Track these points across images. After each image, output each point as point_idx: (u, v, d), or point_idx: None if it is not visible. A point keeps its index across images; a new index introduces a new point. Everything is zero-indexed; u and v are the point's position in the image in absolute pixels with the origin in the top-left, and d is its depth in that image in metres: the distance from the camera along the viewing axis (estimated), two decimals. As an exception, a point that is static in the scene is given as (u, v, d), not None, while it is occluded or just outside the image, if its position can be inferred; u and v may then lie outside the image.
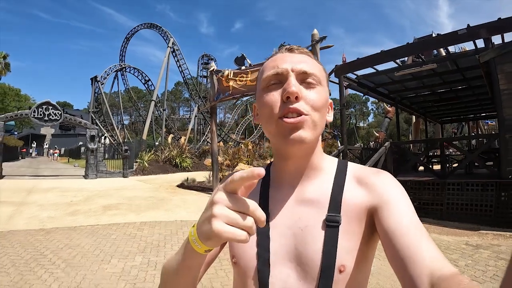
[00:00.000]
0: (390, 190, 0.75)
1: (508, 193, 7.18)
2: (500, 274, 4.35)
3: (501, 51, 7.10)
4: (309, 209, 0.78)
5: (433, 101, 14.70)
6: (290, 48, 0.83)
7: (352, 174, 0.82)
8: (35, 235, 6.38)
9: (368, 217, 0.75)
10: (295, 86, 0.73)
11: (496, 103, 7.31)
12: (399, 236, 0.64)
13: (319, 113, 0.76)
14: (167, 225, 7.33)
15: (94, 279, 4.18)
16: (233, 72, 11.83)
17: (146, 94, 78.72)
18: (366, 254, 0.76)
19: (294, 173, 0.82)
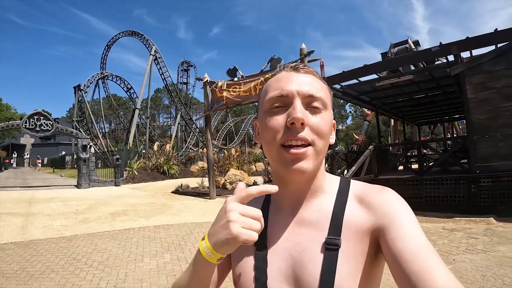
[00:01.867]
0: (395, 210, 0.72)
1: (477, 185, 8.45)
2: (471, 249, 5.41)
3: (469, 66, 8.30)
4: (309, 232, 0.77)
5: (410, 105, 15.92)
6: (296, 67, 0.80)
7: (354, 194, 0.80)
8: (57, 242, 6.72)
9: (373, 239, 0.73)
10: (300, 112, 0.72)
11: (465, 109, 8.51)
12: (409, 261, 0.61)
13: (324, 141, 0.75)
14: (180, 227, 8.03)
15: (135, 275, 4.84)
16: (226, 83, 12.63)
17: (126, 102, 78.29)
18: (372, 276, 0.74)
19: (294, 196, 0.82)
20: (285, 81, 0.77)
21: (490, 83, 8.41)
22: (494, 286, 3.91)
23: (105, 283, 4.55)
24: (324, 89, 0.79)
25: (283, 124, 0.73)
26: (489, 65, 8.46)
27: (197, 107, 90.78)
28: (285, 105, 0.75)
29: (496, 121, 8.32)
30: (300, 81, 0.76)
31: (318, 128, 0.73)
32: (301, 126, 0.72)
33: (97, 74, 44.13)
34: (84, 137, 19.96)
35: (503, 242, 5.76)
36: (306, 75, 0.78)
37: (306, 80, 0.77)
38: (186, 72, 60.86)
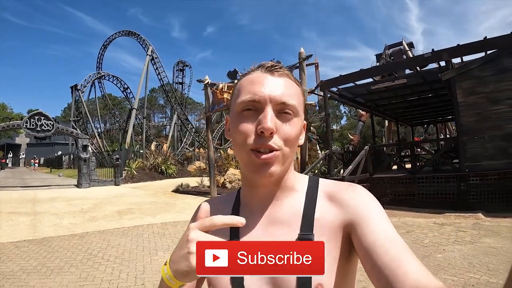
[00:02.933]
0: (364, 205, 0.74)
1: (466, 183, 9.05)
2: (459, 240, 5.93)
3: (459, 71, 8.85)
4: (281, 231, 0.78)
5: (404, 107, 16.50)
6: (270, 68, 0.79)
7: (323, 191, 0.81)
8: (70, 240, 7.01)
9: (345, 234, 0.74)
10: (271, 121, 0.71)
11: (455, 112, 9.08)
12: (380, 254, 0.63)
13: (291, 146, 0.76)
14: (186, 224, 8.31)
15: (153, 267, 5.23)
16: (227, 85, 13.07)
17: (122, 101, 78.24)
18: (347, 271, 0.75)
19: (264, 198, 0.82)
20: (258, 84, 0.76)
21: (479, 88, 9.03)
22: (480, 271, 4.40)
23: (125, 275, 4.91)
24: (297, 93, 0.79)
25: (253, 130, 0.73)
26: (477, 71, 9.08)
27: (192, 107, 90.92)
28: (257, 109, 0.75)
29: (484, 124, 8.95)
30: (274, 85, 0.75)
31: (287, 136, 0.74)
32: (270, 136, 0.72)
33: (94, 74, 44.37)
34: (84, 137, 20.30)
35: (489, 234, 6.28)
36: (280, 79, 0.77)
37: (279, 85, 0.76)
38: (181, 72, 61.03)
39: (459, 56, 9.62)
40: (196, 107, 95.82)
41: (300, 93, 0.81)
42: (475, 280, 4.09)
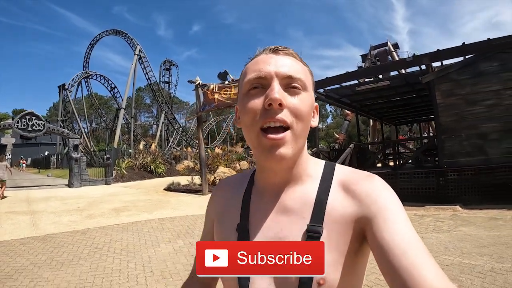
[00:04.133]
0: (383, 199, 0.70)
1: (445, 178, 9.78)
2: (437, 229, 6.59)
3: (438, 75, 9.53)
4: (291, 219, 0.75)
5: (388, 107, 17.21)
6: (275, 49, 0.78)
7: (338, 180, 0.78)
8: (73, 236, 7.29)
9: (357, 228, 0.70)
10: (278, 92, 0.69)
11: (434, 112, 9.78)
12: (398, 256, 0.60)
13: (303, 123, 0.73)
14: (183, 219, 8.87)
15: (158, 257, 5.65)
16: (218, 86, 13.50)
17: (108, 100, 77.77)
18: (355, 266, 0.72)
19: (276, 183, 0.79)
20: (263, 63, 0.75)
21: (456, 90, 9.75)
22: (454, 254, 4.99)
23: (133, 264, 5.31)
24: (305, 70, 0.77)
25: (261, 106, 0.71)
26: (455, 74, 9.80)
27: (179, 106, 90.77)
28: (263, 86, 0.73)
29: (461, 123, 9.69)
30: (279, 62, 0.74)
31: (297, 109, 0.71)
32: (279, 107, 0.69)
33: (82, 73, 44.15)
34: (75, 137, 20.47)
35: (465, 224, 6.94)
36: (286, 57, 0.76)
37: (285, 62, 0.74)
38: (168, 71, 61.03)
39: (439, 61, 10.28)
40: (183, 106, 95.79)
41: (307, 71, 0.78)
42: (449, 261, 4.66)
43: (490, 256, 4.83)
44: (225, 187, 0.93)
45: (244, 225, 0.79)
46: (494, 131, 9.38)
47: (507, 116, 9.24)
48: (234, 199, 0.86)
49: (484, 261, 4.63)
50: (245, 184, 0.88)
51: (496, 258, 4.75)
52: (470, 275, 4.16)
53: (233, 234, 0.80)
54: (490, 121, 9.42)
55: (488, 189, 9.23)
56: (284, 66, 0.73)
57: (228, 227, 0.82)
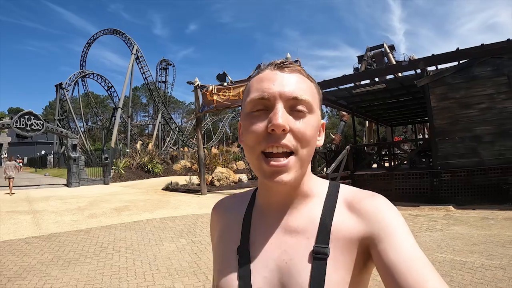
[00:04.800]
0: (387, 218, 0.69)
1: (439, 179, 10.11)
2: (431, 228, 6.86)
3: (433, 79, 9.85)
4: (296, 240, 0.73)
5: (384, 109, 17.53)
6: (281, 65, 0.73)
7: (343, 199, 0.76)
8: (77, 235, 7.43)
9: (362, 247, 0.70)
10: (282, 117, 0.66)
11: (429, 115, 10.10)
12: (403, 273, 0.59)
13: (308, 148, 0.70)
14: (184, 218, 9.07)
15: (162, 255, 5.84)
16: (216, 87, 13.75)
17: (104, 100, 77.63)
18: (360, 284, 0.72)
19: (279, 203, 0.77)
20: (268, 81, 0.71)
21: (451, 94, 10.08)
22: (446, 251, 5.26)
23: (139, 262, 5.50)
24: (311, 89, 0.74)
25: (264, 130, 0.68)
26: (450, 78, 10.12)
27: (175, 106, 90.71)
28: (267, 108, 0.69)
29: (454, 126, 10.02)
30: (284, 81, 0.70)
31: (301, 134, 0.68)
32: (282, 133, 0.66)
33: (79, 72, 44.16)
34: (73, 137, 20.56)
35: (458, 223, 7.22)
36: (291, 75, 0.72)
37: (291, 81, 0.71)
38: (165, 70, 61.21)
39: (434, 65, 10.61)
40: (179, 105, 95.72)
41: (314, 89, 0.75)
42: (441, 258, 4.91)
43: (480, 254, 5.08)
44: (224, 208, 0.90)
45: (245, 247, 0.76)
46: (487, 133, 9.69)
47: (499, 120, 9.59)
48: (234, 220, 0.84)
49: (474, 258, 4.88)
50: (245, 204, 0.86)
51: (486, 255, 5.00)
52: (461, 271, 4.40)
53: (233, 257, 0.77)
54: (483, 124, 9.74)
55: (480, 190, 9.55)
56: (289, 86, 0.70)
57: (228, 250, 0.79)
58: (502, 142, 9.52)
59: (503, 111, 9.58)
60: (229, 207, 0.88)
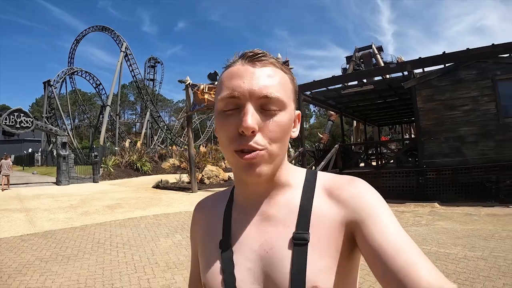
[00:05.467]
0: (368, 202, 0.68)
1: (424, 178, 10.53)
2: (417, 223, 7.21)
3: (419, 81, 10.24)
4: (275, 229, 0.73)
5: (371, 109, 17.97)
6: (252, 57, 0.71)
7: (322, 186, 0.76)
8: (72, 232, 7.50)
9: (347, 233, 0.69)
10: (250, 119, 0.65)
11: (415, 116, 10.51)
12: (392, 257, 0.58)
13: (279, 143, 0.69)
14: (177, 215, 9.24)
15: (160, 250, 6.02)
16: (208, 86, 13.92)
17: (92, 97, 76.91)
18: (347, 271, 0.70)
19: (257, 194, 0.77)
20: (238, 78, 0.69)
21: (436, 96, 10.50)
22: (431, 244, 5.59)
23: (138, 257, 5.65)
24: (284, 83, 0.71)
25: (235, 130, 0.67)
26: (436, 81, 10.53)
27: (163, 104, 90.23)
28: (237, 106, 0.68)
29: (440, 127, 10.45)
30: (255, 78, 0.68)
31: (271, 133, 0.68)
32: (251, 135, 0.66)
33: (67, 69, 43.77)
34: (63, 134, 20.47)
35: (442, 219, 7.59)
36: (263, 69, 0.69)
37: (261, 77, 0.68)
38: (153, 68, 60.91)
39: (421, 68, 11.02)
40: (167, 104, 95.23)
41: (288, 81, 0.73)
42: (426, 250, 5.21)
43: (463, 246, 5.41)
44: (205, 207, 0.90)
45: (227, 240, 0.77)
46: (471, 134, 10.11)
47: (483, 121, 10.02)
48: (215, 217, 0.84)
49: (458, 250, 5.20)
50: (225, 201, 0.86)
51: (469, 247, 5.32)
52: (445, 262, 4.70)
53: (216, 252, 0.77)
54: (467, 125, 10.17)
55: (464, 187, 9.96)
56: (260, 83, 0.67)
57: (212, 246, 0.79)
58: (485, 142, 9.94)
59: (487, 113, 10.00)
60: (209, 206, 0.89)
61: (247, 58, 0.71)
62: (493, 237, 5.95)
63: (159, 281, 4.58)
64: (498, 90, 9.95)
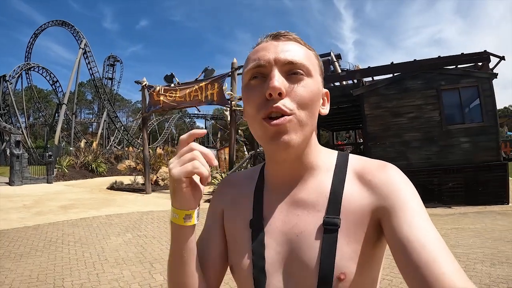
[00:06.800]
0: (399, 190, 0.67)
1: None
2: None
3: (367, 89, 10.83)
4: (306, 213, 0.72)
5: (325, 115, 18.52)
6: (276, 35, 0.74)
7: (353, 170, 0.74)
8: (25, 231, 7.49)
9: (374, 220, 0.68)
10: (278, 81, 0.65)
11: (363, 122, 11.08)
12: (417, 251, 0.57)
13: (307, 110, 0.69)
14: (129, 215, 9.33)
15: (110, 247, 6.17)
16: (163, 88, 14.01)
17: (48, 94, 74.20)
18: (372, 259, 0.70)
19: (288, 175, 0.76)
20: (263, 50, 0.71)
21: (383, 103, 11.21)
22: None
23: (88, 254, 5.79)
24: (309, 55, 0.73)
25: (262, 96, 0.67)
26: (383, 89, 11.23)
27: (121, 104, 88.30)
28: (264, 75, 0.69)
29: (386, 132, 11.19)
30: (279, 48, 0.70)
31: (299, 97, 0.67)
32: (278, 97, 0.66)
33: (24, 64, 42.10)
34: (17, 133, 19.79)
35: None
36: (287, 43, 0.72)
37: (286, 47, 0.70)
38: (112, 67, 59.57)
39: (370, 76, 11.68)
40: (125, 104, 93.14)
41: (312, 56, 0.75)
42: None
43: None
44: (234, 183, 0.89)
45: (258, 221, 0.76)
46: (415, 139, 10.87)
47: (427, 127, 10.83)
48: (245, 195, 0.83)
49: (389, 247, 5.63)
50: (254, 180, 0.85)
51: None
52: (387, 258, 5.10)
53: (245, 232, 0.77)
54: (412, 131, 10.91)
55: (408, 190, 10.57)
56: (284, 52, 0.69)
57: (241, 225, 0.79)
58: (428, 147, 10.69)
59: (430, 120, 10.78)
60: (239, 183, 0.87)
61: (271, 36, 0.75)
62: (429, 236, 6.46)
63: (107, 275, 4.76)
64: (443, 99, 10.74)
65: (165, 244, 6.41)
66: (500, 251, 5.29)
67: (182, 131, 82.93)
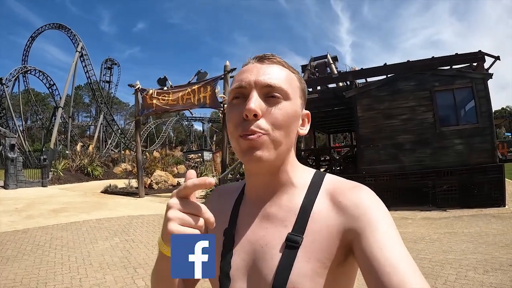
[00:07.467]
0: (369, 212, 0.67)
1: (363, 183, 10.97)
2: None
3: (360, 91, 10.78)
4: (274, 227, 0.75)
5: (320, 117, 18.44)
6: (261, 57, 0.78)
7: (326, 190, 0.76)
8: (14, 235, 7.52)
9: (343, 241, 0.68)
10: (254, 103, 0.69)
11: (355, 124, 11.01)
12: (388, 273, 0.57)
13: (282, 131, 0.72)
14: (119, 219, 9.27)
15: (96, 252, 6.14)
16: (156, 91, 14.01)
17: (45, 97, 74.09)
18: (337, 279, 0.70)
19: (262, 189, 0.80)
20: (246, 72, 0.75)
21: (375, 105, 11.14)
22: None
23: (74, 258, 5.78)
24: (290, 78, 0.76)
25: (240, 116, 0.71)
26: (375, 91, 11.17)
27: (119, 107, 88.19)
28: (244, 96, 0.73)
29: (378, 134, 11.07)
30: (261, 71, 0.74)
31: (274, 118, 0.70)
32: (254, 118, 0.69)
33: (21, 67, 41.99)
34: (12, 136, 19.72)
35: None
36: (270, 66, 0.76)
37: (268, 70, 0.74)
38: (109, 70, 59.54)
39: (362, 78, 11.62)
40: (123, 107, 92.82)
41: (294, 79, 0.78)
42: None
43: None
44: (221, 195, 0.94)
45: (230, 230, 0.81)
46: (408, 142, 10.78)
47: (419, 129, 10.71)
48: (226, 206, 0.87)
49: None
50: (237, 193, 0.89)
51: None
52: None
53: (220, 239, 0.80)
54: (404, 133, 10.82)
55: (401, 192, 10.50)
56: (265, 75, 0.73)
57: (218, 233, 0.81)
58: (421, 149, 10.61)
59: (424, 122, 10.70)
60: (225, 195, 0.92)
61: (257, 58, 0.79)
62: (423, 240, 6.40)
63: (90, 280, 4.74)
64: (436, 100, 10.66)
65: (151, 248, 6.38)
66: (493, 257, 5.18)
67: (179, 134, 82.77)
